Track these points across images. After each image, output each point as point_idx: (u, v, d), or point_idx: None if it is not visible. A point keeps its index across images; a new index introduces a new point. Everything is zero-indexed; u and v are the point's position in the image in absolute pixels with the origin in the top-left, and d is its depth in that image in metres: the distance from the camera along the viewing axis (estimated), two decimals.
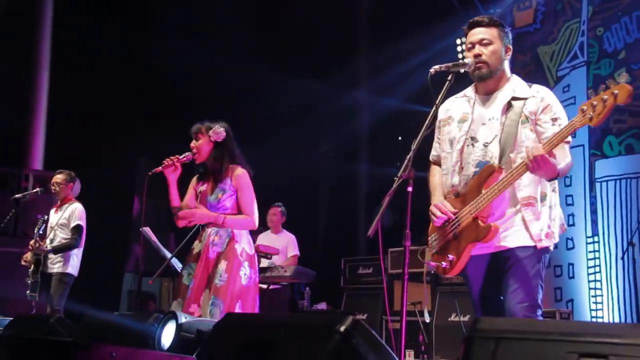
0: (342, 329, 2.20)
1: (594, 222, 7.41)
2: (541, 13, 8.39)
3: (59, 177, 6.98)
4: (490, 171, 3.24)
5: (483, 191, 3.21)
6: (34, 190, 7.27)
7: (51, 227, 6.85)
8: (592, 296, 7.33)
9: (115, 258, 9.45)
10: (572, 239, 7.57)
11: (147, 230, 5.54)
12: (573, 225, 7.55)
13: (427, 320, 6.44)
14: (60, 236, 6.82)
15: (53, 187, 6.97)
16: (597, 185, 7.46)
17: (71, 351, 2.33)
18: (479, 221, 3.19)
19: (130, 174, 9.21)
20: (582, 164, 7.57)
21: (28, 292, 6.60)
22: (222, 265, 4.51)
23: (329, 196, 10.93)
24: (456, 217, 3.31)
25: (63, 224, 6.85)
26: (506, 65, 3.48)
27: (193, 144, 4.70)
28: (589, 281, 7.40)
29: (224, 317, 2.66)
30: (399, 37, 8.87)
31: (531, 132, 3.30)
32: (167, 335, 3.11)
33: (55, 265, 6.74)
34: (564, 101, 7.80)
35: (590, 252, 7.43)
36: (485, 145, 3.34)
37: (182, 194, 4.82)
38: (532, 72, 8.21)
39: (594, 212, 7.44)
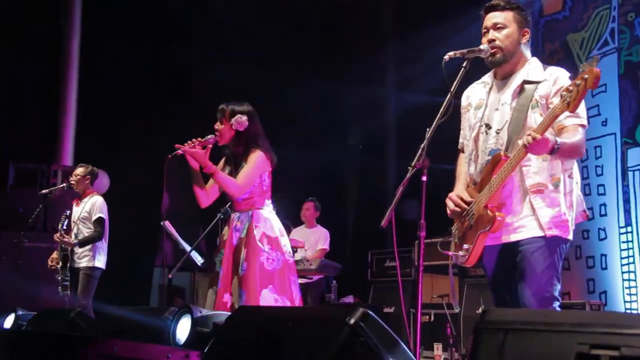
0: (352, 321, 2.16)
1: (627, 212, 7.25)
2: (570, 0, 8.23)
3: (77, 170, 7.07)
4: (497, 159, 3.19)
5: (492, 179, 3.16)
6: (61, 186, 7.34)
7: (74, 222, 6.91)
8: (626, 287, 7.17)
9: (146, 253, 9.51)
10: (604, 230, 7.42)
11: (167, 224, 5.55)
12: (605, 215, 7.41)
13: (457, 310, 6.38)
14: (83, 230, 6.89)
15: (71, 180, 7.04)
16: (630, 174, 7.29)
17: (73, 345, 2.33)
18: (488, 210, 3.14)
19: (159, 170, 9.25)
20: (614, 153, 7.41)
21: (59, 288, 6.67)
22: (243, 253, 4.49)
23: (357, 189, 10.89)
24: (470, 207, 3.26)
25: (85, 217, 6.91)
26: (524, 48, 3.40)
27: (217, 125, 4.65)
28: (622, 272, 7.24)
29: (236, 310, 2.64)
30: (423, 27, 8.80)
31: (540, 116, 3.22)
32: (182, 329, 3.10)
33: (82, 259, 6.80)
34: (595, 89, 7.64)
35: (623, 242, 7.27)
36: (497, 132, 3.29)
37: (206, 179, 4.74)
38: (561, 60, 8.06)
39: (626, 201, 7.27)
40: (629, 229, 7.22)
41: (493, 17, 3.37)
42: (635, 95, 7.28)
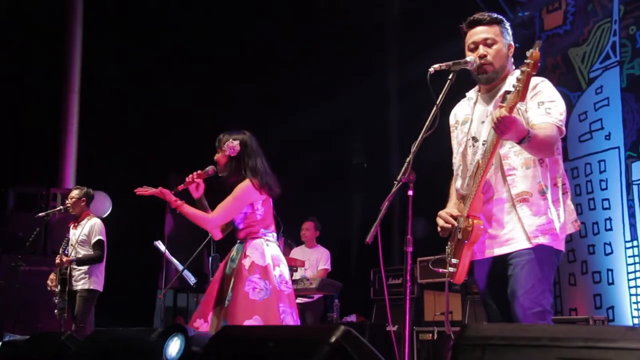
0: (333, 340, 2.11)
1: (633, 226, 7.17)
2: (571, 14, 8.20)
3: (73, 193, 7.05)
4: (476, 167, 3.15)
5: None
6: (58, 208, 7.31)
7: (71, 245, 6.88)
8: (634, 302, 7.08)
9: (149, 275, 9.49)
10: (610, 244, 7.34)
11: (159, 243, 5.52)
12: (611, 229, 7.33)
13: (448, 333, 6.30)
14: (82, 253, 6.86)
15: (67, 203, 7.03)
16: (635, 187, 7.22)
17: None
18: (469, 219, 3.09)
19: None
20: (618, 167, 7.35)
21: (56, 311, 6.63)
22: (232, 282, 4.40)
23: (361, 207, 10.85)
24: (458, 221, 3.22)
25: (83, 240, 6.88)
26: (509, 62, 3.38)
27: (216, 155, 4.63)
28: (629, 287, 7.15)
29: (220, 330, 2.60)
30: (426, 41, 8.79)
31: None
32: (174, 348, 3.04)
33: (79, 282, 6.78)
34: (597, 102, 7.60)
35: (629, 257, 7.19)
36: (484, 143, 3.25)
37: (213, 206, 4.67)
38: (563, 74, 8.03)
39: (632, 215, 7.19)
40: (635, 243, 7.14)
41: (481, 32, 3.33)
42: (639, 108, 7.23)
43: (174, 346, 3.08)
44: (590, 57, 7.92)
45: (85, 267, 6.78)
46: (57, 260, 6.70)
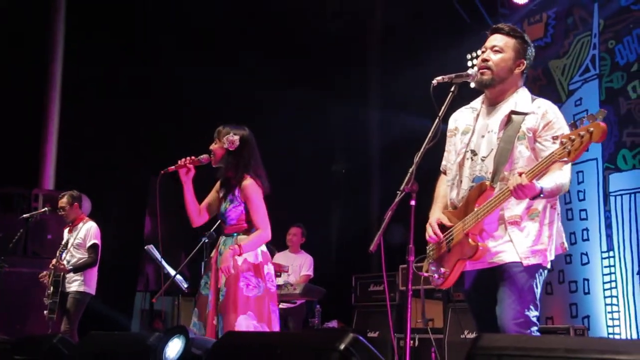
0: (342, 347, 2.14)
1: (609, 237, 7.28)
2: (552, 27, 8.32)
3: (62, 201, 7.01)
4: (482, 189, 3.21)
5: (475, 208, 3.18)
6: (42, 210, 7.29)
7: (67, 249, 6.83)
8: (609, 312, 7.18)
9: (128, 277, 9.42)
10: (586, 254, 7.45)
11: (151, 248, 5.51)
12: (587, 240, 7.44)
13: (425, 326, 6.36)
14: (77, 256, 6.84)
15: (60, 212, 7.00)
16: (612, 199, 7.34)
17: None
18: (469, 239, 3.15)
19: (141, 193, 9.21)
20: (596, 178, 7.46)
21: (46, 312, 6.58)
22: (223, 278, 4.44)
23: (341, 213, 10.88)
24: (450, 231, 3.27)
25: (79, 244, 6.87)
26: (517, 78, 3.41)
27: (212, 145, 4.63)
28: (605, 297, 7.26)
29: (223, 336, 2.61)
30: (408, 52, 8.86)
31: (526, 149, 3.25)
32: (174, 349, 3.05)
33: (72, 284, 6.76)
34: (577, 114, 7.71)
35: (605, 267, 7.29)
36: (483, 159, 3.30)
37: (200, 198, 4.74)
38: (543, 86, 8.13)
39: (608, 226, 7.31)
40: (611, 253, 7.25)
41: (495, 40, 3.39)
42: (617, 121, 7.36)
43: (174, 347, 3.09)
44: (570, 69, 8.03)
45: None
46: (53, 263, 6.66)
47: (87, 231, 6.89)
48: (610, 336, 6.99)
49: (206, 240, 4.84)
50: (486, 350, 1.82)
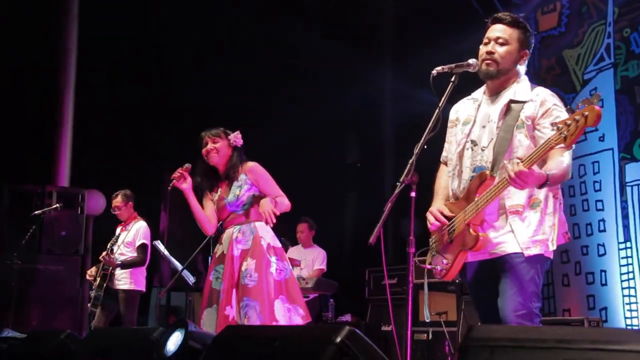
0: (338, 340, 2.14)
1: (626, 227, 7.21)
2: (566, 16, 8.23)
3: (117, 200, 7.19)
4: (482, 179, 3.18)
5: (475, 198, 3.15)
6: (53, 207, 7.40)
7: (118, 246, 6.99)
8: (627, 303, 7.12)
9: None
10: (603, 245, 7.38)
11: (158, 243, 5.55)
12: (604, 230, 7.37)
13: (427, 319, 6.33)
14: (126, 254, 7.01)
15: (115, 211, 7.17)
16: (628, 189, 7.27)
17: None
18: (470, 229, 3.13)
19: (156, 190, 9.25)
20: (612, 168, 7.39)
21: (89, 305, 6.79)
22: (251, 263, 4.52)
23: (355, 206, 10.86)
24: (451, 222, 3.25)
25: (128, 242, 7.04)
26: (519, 68, 3.38)
27: (210, 146, 4.73)
28: (622, 288, 7.19)
29: (223, 330, 2.61)
30: (421, 42, 8.81)
31: (525, 137, 3.22)
32: (173, 342, 3.06)
33: (120, 281, 6.92)
34: None
35: (622, 258, 7.23)
36: (483, 149, 3.28)
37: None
38: (557, 75, 8.07)
39: (625, 217, 7.23)
40: (628, 244, 7.18)
41: (498, 30, 3.34)
42: (633, 110, 7.27)
43: (174, 340, 3.10)
44: (585, 58, 7.95)
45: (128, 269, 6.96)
46: (103, 255, 6.83)
47: (137, 230, 7.08)
48: (629, 327, 6.92)
49: (212, 236, 4.89)
50: (480, 342, 1.80)
